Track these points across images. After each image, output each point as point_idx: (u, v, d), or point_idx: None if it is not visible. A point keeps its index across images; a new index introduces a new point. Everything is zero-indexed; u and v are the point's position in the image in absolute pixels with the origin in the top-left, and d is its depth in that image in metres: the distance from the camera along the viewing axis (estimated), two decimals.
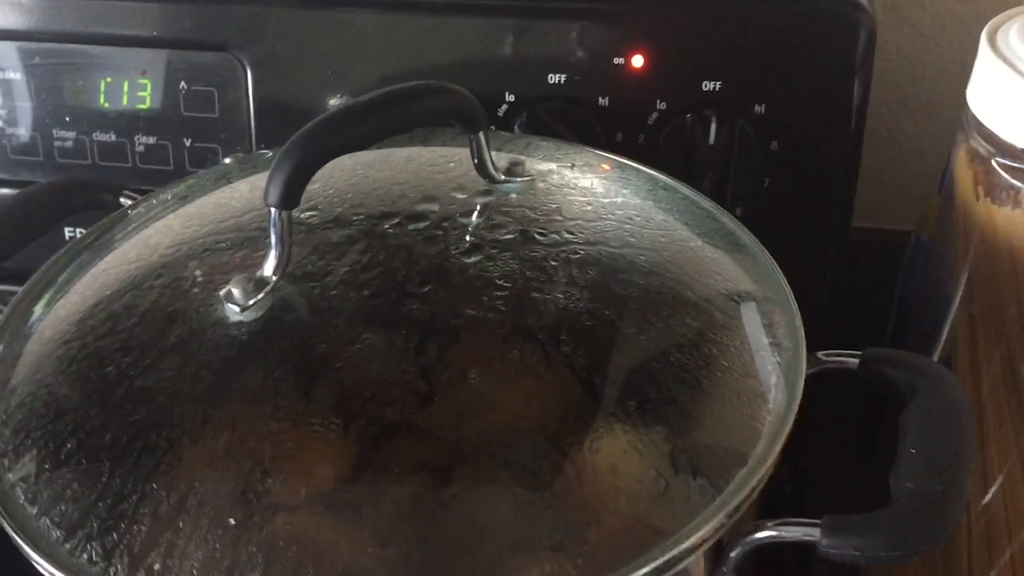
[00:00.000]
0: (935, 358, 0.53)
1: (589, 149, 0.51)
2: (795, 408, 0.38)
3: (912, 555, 0.32)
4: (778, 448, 0.37)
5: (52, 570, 0.32)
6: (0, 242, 0.47)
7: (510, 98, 0.58)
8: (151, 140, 0.63)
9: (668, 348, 0.39)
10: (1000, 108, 0.45)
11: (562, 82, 0.58)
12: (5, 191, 0.63)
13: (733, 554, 0.35)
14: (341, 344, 0.35)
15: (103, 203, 0.50)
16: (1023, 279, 0.46)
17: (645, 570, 0.32)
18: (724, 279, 0.43)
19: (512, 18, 0.57)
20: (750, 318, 0.42)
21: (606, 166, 0.49)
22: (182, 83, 0.61)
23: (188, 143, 0.62)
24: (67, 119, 0.63)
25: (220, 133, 0.62)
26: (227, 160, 0.49)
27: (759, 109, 0.57)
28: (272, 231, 0.36)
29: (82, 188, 0.50)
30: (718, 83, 0.56)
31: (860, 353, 0.40)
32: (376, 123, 0.38)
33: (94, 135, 0.63)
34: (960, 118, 0.50)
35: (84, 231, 0.46)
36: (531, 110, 0.58)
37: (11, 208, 0.48)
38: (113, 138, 0.63)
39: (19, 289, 0.42)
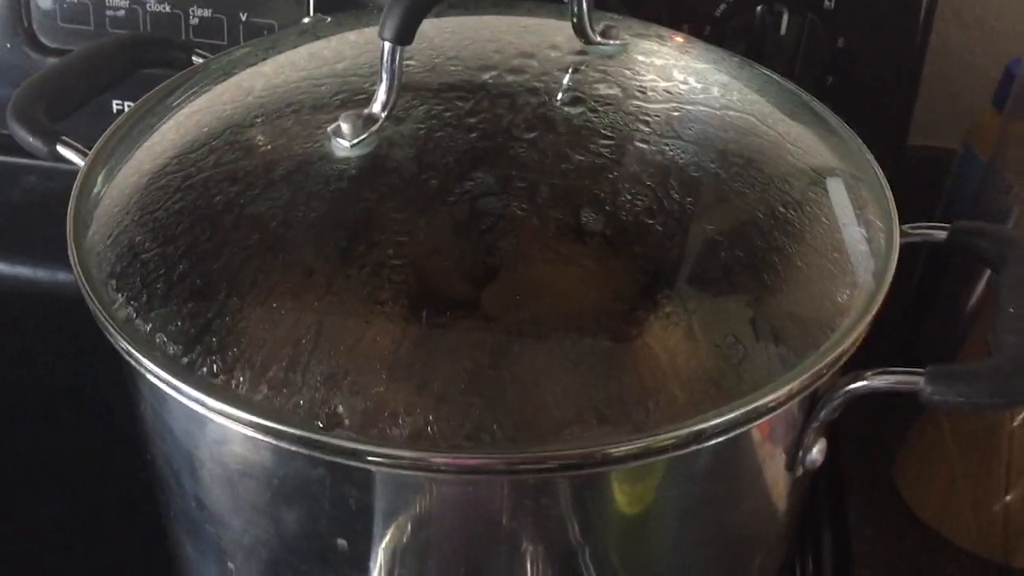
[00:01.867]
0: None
1: (674, 32, 0.50)
2: (888, 279, 0.38)
3: (1015, 403, 0.33)
4: (869, 318, 0.37)
5: (169, 378, 0.32)
6: (68, 92, 0.46)
7: None
8: (206, 12, 0.62)
9: (760, 214, 0.39)
10: None
11: None
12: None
13: (830, 405, 0.36)
14: (453, 181, 0.35)
15: (173, 60, 0.49)
16: None
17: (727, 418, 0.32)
18: (813, 155, 0.43)
19: None
20: (837, 191, 0.42)
21: (693, 44, 0.49)
22: None
23: (244, 17, 0.62)
24: None
25: (276, 6, 0.61)
26: (306, 20, 0.49)
27: (828, 4, 0.57)
28: (384, 67, 0.36)
29: (152, 43, 0.50)
30: None
31: (948, 226, 0.41)
32: None
33: (147, 4, 0.62)
34: None
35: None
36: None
37: (80, 59, 0.48)
38: (167, 9, 0.62)
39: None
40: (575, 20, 0.42)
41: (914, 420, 0.54)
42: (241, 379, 0.31)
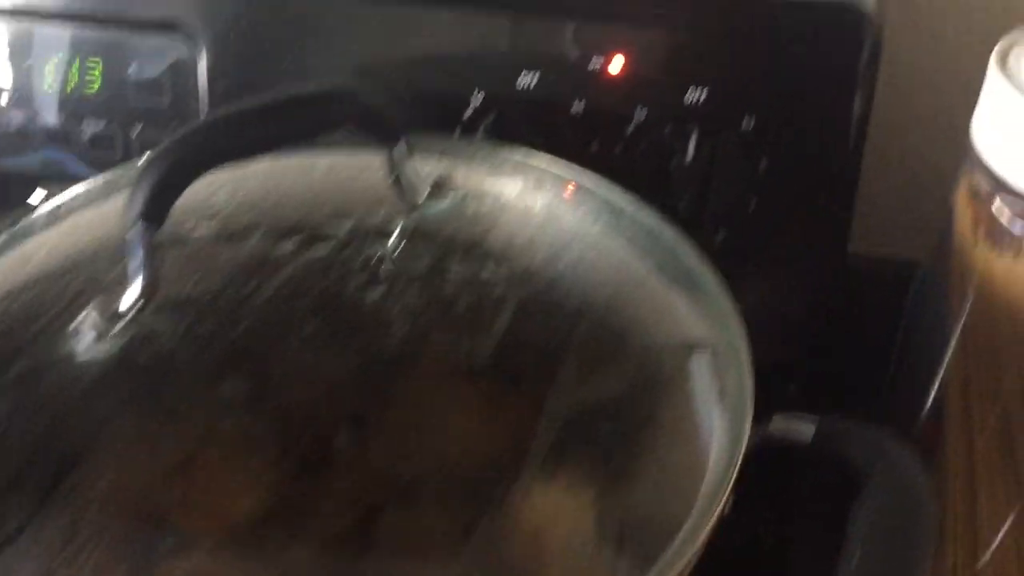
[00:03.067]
0: (929, 400, 0.47)
1: (548, 158, 0.46)
2: (730, 480, 0.33)
3: None
4: (711, 524, 0.33)
5: None
6: None
7: (478, 97, 0.53)
8: (99, 126, 0.59)
9: (602, 401, 0.35)
10: (1007, 142, 0.40)
11: (534, 84, 0.52)
12: None
13: None
14: (198, 389, 0.31)
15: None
16: None
17: None
18: (674, 325, 0.38)
19: (484, 11, 0.52)
20: (698, 372, 0.37)
21: (560, 183, 0.44)
22: (133, 65, 0.57)
23: (137, 130, 0.58)
24: (12, 100, 0.59)
25: (171, 121, 0.58)
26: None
27: (747, 122, 0.51)
28: (133, 253, 0.32)
29: None
30: (704, 91, 0.51)
31: (816, 421, 0.35)
32: (265, 132, 0.33)
33: (39, 119, 0.59)
34: (964, 148, 0.44)
35: None
36: (499, 113, 0.53)
37: None
38: (59, 122, 0.59)
39: None
40: (393, 177, 0.37)
41: None
42: None
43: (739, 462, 0.33)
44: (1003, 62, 0.41)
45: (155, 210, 0.31)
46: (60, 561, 0.28)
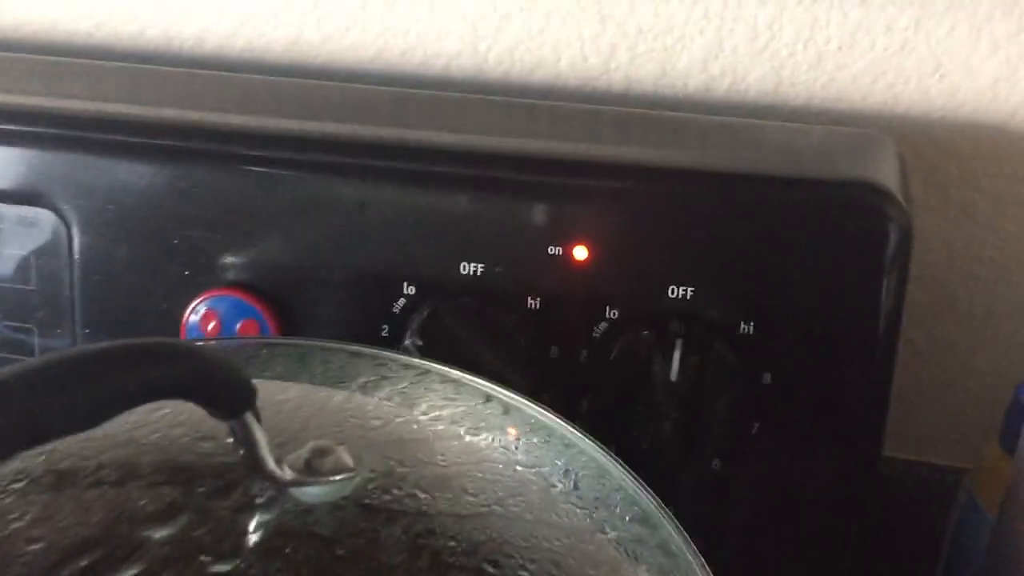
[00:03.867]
0: None
1: (485, 387, 0.34)
2: None
3: None
4: None
5: None
6: None
7: (409, 291, 0.43)
8: None
9: None
10: None
11: (478, 273, 0.42)
12: None
13: None
14: None
15: None
16: None
17: None
18: None
19: (418, 188, 0.43)
20: None
21: (503, 427, 0.33)
22: None
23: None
24: None
25: (37, 311, 0.47)
26: None
27: (745, 328, 0.41)
28: None
29: None
30: (689, 289, 0.41)
31: None
32: (59, 408, 0.22)
33: None
34: None
35: None
36: (434, 309, 0.42)
37: None
38: None
39: None
40: (242, 451, 0.26)
41: None
42: None
43: None
44: None
45: None
46: None
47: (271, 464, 0.26)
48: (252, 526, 0.26)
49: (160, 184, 0.44)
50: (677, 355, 0.39)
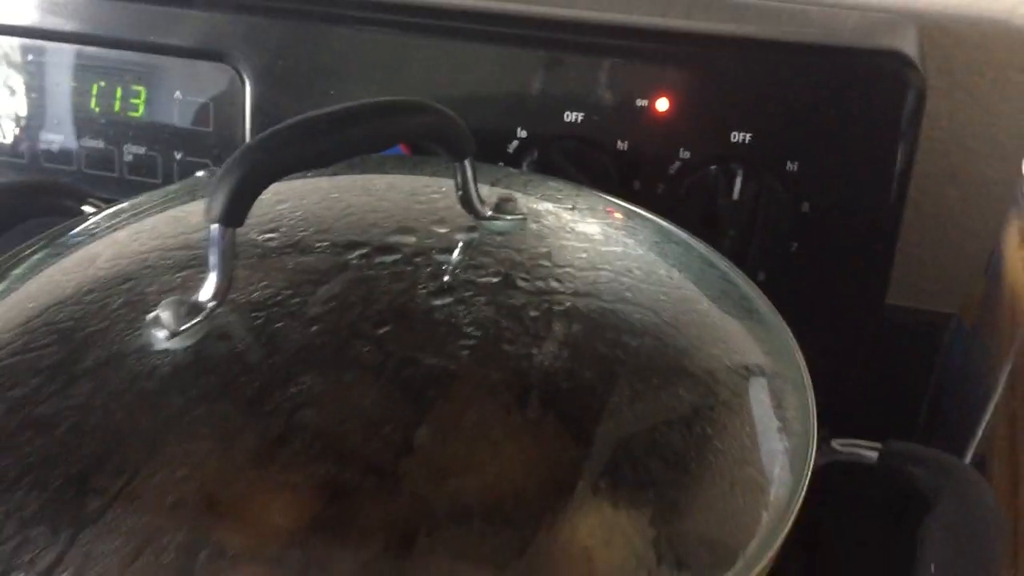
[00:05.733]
0: (968, 457, 0.47)
1: (596, 193, 0.46)
2: (797, 504, 0.33)
3: None
4: (774, 548, 0.32)
5: None
6: None
7: (522, 134, 0.54)
8: (140, 150, 0.59)
9: (659, 423, 0.35)
10: None
11: (579, 121, 0.53)
12: None
13: None
14: (275, 385, 0.31)
15: (65, 209, 0.46)
16: None
17: None
18: (731, 349, 0.38)
19: (530, 49, 0.53)
20: (756, 396, 0.37)
21: (611, 212, 0.44)
22: (177, 92, 0.58)
23: (179, 156, 0.59)
24: (55, 122, 0.60)
25: (213, 148, 0.58)
26: (200, 173, 0.45)
27: (791, 166, 0.52)
28: (212, 251, 0.32)
29: (43, 191, 0.46)
30: (748, 135, 0.52)
31: (880, 446, 0.35)
32: (340, 139, 0.34)
33: (82, 140, 0.59)
34: (1014, 193, 0.44)
35: None
36: (543, 149, 0.53)
37: None
38: (101, 145, 0.59)
39: None
40: (460, 193, 0.37)
41: None
42: None
43: (806, 481, 0.33)
44: None
45: (233, 212, 0.31)
46: (124, 554, 0.27)
47: (477, 202, 0.37)
48: (461, 242, 0.37)
49: (319, 45, 0.55)
50: (738, 183, 0.51)
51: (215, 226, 0.31)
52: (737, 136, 0.52)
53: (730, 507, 0.34)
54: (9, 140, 0.60)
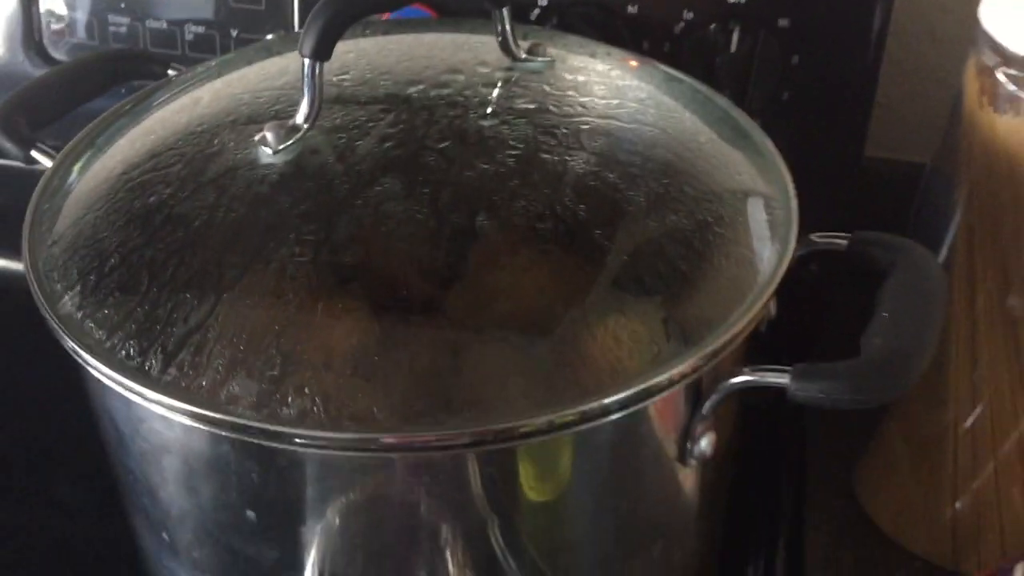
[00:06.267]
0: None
1: (611, 47, 0.53)
2: (771, 288, 0.40)
3: (873, 402, 0.35)
4: (755, 310, 0.39)
5: (96, 364, 0.35)
6: (50, 103, 0.50)
7: (543, 2, 0.60)
8: (200, 29, 0.66)
9: (669, 221, 0.42)
10: (1008, 19, 0.47)
11: None
12: None
13: (712, 397, 0.38)
14: (362, 185, 0.38)
15: (152, 73, 0.53)
16: (1020, 186, 0.47)
17: (627, 394, 0.35)
18: (734, 169, 0.45)
19: None
20: (755, 206, 0.44)
21: (626, 59, 0.51)
22: None
23: (235, 33, 0.65)
24: (122, 5, 0.66)
25: (265, 24, 0.65)
26: (270, 36, 0.52)
27: (783, 23, 0.59)
28: (305, 81, 0.39)
29: (132, 58, 0.54)
30: None
31: (850, 235, 0.43)
32: None
33: (147, 22, 0.66)
34: (973, 34, 0.51)
35: None
36: (562, 14, 0.60)
37: (62, 72, 0.52)
38: (164, 25, 0.66)
39: None
40: (499, 38, 0.45)
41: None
42: (154, 362, 0.35)
43: (787, 262, 0.41)
44: None
45: (321, 48, 0.39)
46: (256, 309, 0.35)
47: (513, 45, 0.45)
48: (501, 79, 0.45)
49: None
50: (735, 37, 0.58)
51: (307, 60, 0.39)
52: None
53: (730, 294, 0.40)
54: (82, 23, 0.67)
